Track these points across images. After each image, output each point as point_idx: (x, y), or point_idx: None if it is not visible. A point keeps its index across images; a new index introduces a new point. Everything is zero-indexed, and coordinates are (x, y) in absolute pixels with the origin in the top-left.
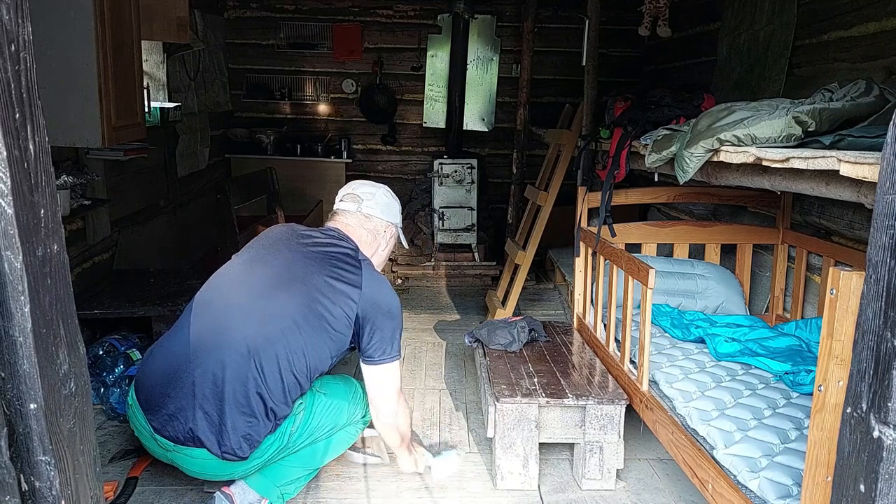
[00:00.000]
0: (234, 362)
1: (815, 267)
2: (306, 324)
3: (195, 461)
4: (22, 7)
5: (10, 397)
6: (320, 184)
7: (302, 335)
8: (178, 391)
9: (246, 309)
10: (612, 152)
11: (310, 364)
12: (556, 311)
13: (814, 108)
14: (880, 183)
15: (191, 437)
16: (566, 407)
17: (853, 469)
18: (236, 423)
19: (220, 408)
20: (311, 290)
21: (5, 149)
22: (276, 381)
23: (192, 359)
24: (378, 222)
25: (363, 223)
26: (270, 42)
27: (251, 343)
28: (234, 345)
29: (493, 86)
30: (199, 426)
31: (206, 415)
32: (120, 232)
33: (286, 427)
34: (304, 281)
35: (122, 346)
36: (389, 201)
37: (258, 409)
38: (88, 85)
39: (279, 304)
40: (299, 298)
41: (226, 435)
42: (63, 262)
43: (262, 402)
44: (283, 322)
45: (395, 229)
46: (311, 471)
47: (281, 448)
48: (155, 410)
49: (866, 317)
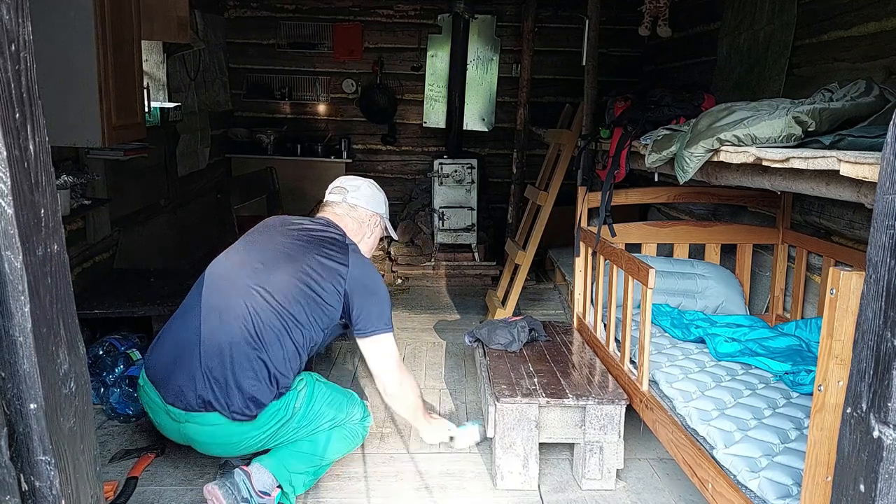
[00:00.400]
0: (238, 331)
1: (815, 267)
2: (301, 296)
3: (207, 428)
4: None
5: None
6: (320, 184)
7: (297, 307)
8: (188, 362)
9: (247, 284)
10: (612, 152)
11: (304, 334)
12: (556, 311)
13: (814, 108)
14: (880, 183)
15: (202, 403)
16: (566, 407)
17: (853, 469)
18: (242, 385)
19: (226, 373)
20: (304, 267)
21: (5, 149)
22: (277, 349)
23: (199, 331)
24: (363, 211)
25: (349, 212)
26: (271, 42)
27: (253, 314)
28: (237, 316)
29: (493, 86)
30: (209, 391)
31: (214, 380)
32: (120, 231)
33: (290, 400)
34: (297, 259)
35: (122, 346)
36: (374, 192)
37: (261, 374)
38: (88, 85)
39: (276, 280)
40: (294, 274)
41: (233, 396)
42: (63, 261)
43: (265, 367)
44: (281, 295)
45: (381, 219)
46: (316, 467)
47: (285, 420)
48: (166, 383)
49: (866, 317)
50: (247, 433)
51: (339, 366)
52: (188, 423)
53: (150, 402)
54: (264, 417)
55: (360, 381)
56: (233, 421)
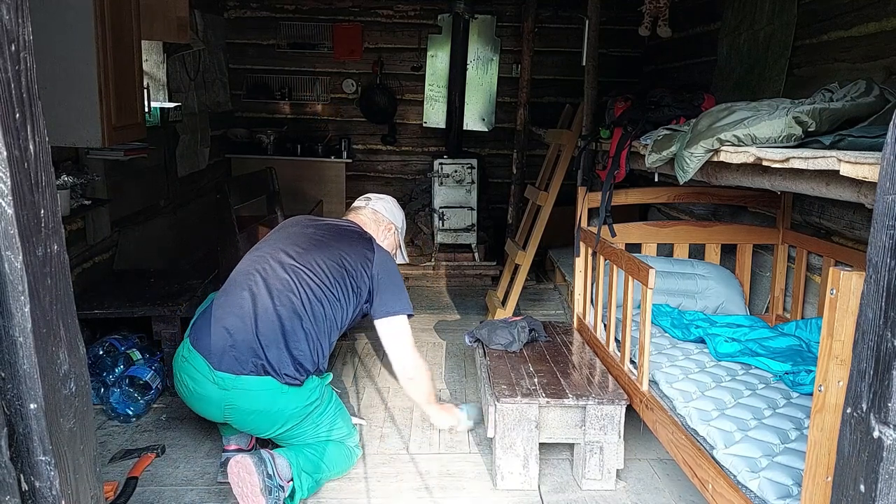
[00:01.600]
0: (288, 304)
1: (815, 267)
2: (339, 276)
3: (255, 394)
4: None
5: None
6: (320, 184)
7: (336, 285)
8: (242, 331)
9: (291, 264)
10: (612, 152)
11: (340, 310)
12: (556, 311)
13: (814, 108)
14: (880, 183)
15: (256, 367)
16: (566, 407)
17: (853, 469)
18: (292, 352)
19: (279, 341)
20: (338, 252)
21: (5, 149)
22: (321, 321)
23: (252, 305)
24: (381, 217)
25: (371, 216)
26: (271, 42)
27: (299, 289)
28: (287, 291)
29: (493, 86)
30: (264, 357)
31: (268, 347)
32: (120, 232)
33: (324, 385)
34: (330, 245)
35: (122, 346)
36: (394, 207)
37: (306, 344)
38: (88, 85)
39: (316, 261)
40: (331, 257)
41: (285, 361)
42: (63, 262)
43: (309, 337)
44: (322, 274)
45: (396, 230)
46: (318, 475)
47: (317, 404)
48: (219, 352)
49: (866, 317)
50: (289, 403)
51: (339, 366)
52: (235, 389)
53: (193, 372)
54: (307, 390)
55: (360, 381)
56: (283, 384)
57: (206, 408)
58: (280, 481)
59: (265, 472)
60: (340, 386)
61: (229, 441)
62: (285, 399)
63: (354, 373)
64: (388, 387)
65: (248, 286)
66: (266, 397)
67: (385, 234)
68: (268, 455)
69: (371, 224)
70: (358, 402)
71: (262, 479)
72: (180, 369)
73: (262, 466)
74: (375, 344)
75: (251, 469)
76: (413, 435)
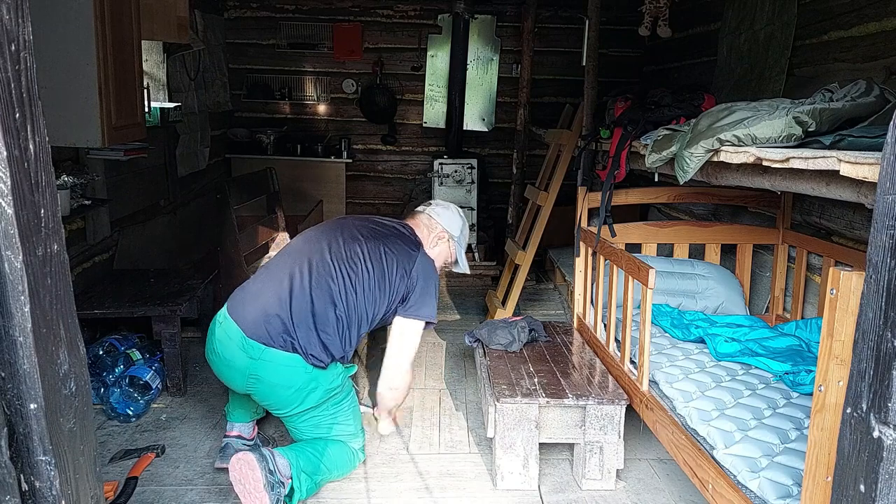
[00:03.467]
0: (325, 290)
1: (815, 267)
2: (378, 274)
3: (280, 368)
4: (22, 7)
5: (11, 397)
6: (320, 184)
7: (372, 281)
8: (279, 308)
9: (335, 250)
10: (612, 152)
11: (372, 303)
12: (556, 311)
13: (814, 108)
14: (880, 183)
15: (285, 343)
16: (566, 407)
17: (853, 469)
18: (322, 335)
19: (310, 323)
20: (381, 247)
21: (5, 149)
22: (353, 309)
23: (290, 285)
24: (436, 223)
25: (426, 220)
26: (270, 42)
27: (337, 277)
28: (325, 276)
29: (493, 86)
30: (295, 335)
31: (299, 327)
32: (120, 232)
33: (346, 373)
34: (373, 240)
35: (122, 346)
36: (453, 215)
37: (336, 330)
38: (88, 85)
39: (363, 254)
40: (372, 251)
41: (314, 343)
42: (63, 262)
43: (340, 324)
44: (360, 267)
45: (449, 238)
46: (318, 476)
47: (335, 392)
48: (254, 321)
49: (866, 317)
50: (310, 383)
51: None
52: (262, 359)
53: (225, 338)
54: (330, 374)
55: (360, 380)
56: (307, 364)
57: (232, 375)
58: (281, 478)
59: (267, 468)
60: None
61: (233, 427)
62: (307, 378)
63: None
64: None
65: (291, 266)
66: (289, 373)
67: (436, 241)
68: (268, 452)
69: (424, 229)
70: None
71: (265, 474)
72: (213, 334)
73: (264, 462)
74: (374, 344)
75: (254, 465)
76: (413, 435)
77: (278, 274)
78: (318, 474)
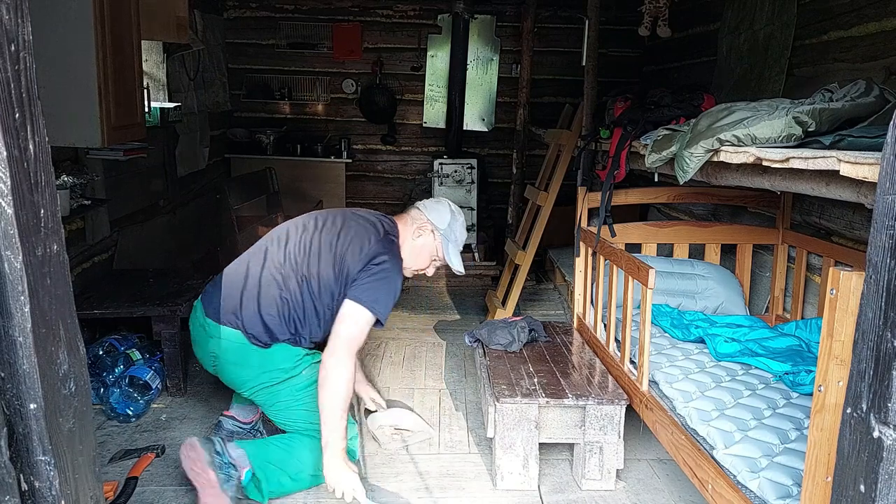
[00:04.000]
0: (273, 273)
1: (815, 267)
2: (329, 262)
3: (229, 344)
4: (22, 7)
5: (10, 397)
6: (320, 184)
7: (322, 268)
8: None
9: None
10: (612, 152)
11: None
12: (556, 311)
13: (814, 108)
14: (880, 183)
15: (231, 321)
16: (566, 407)
17: (853, 469)
18: (263, 316)
19: (255, 303)
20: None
21: (5, 149)
22: (297, 294)
23: (248, 268)
24: (420, 215)
25: (414, 214)
26: (270, 42)
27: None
28: (276, 261)
29: (493, 86)
30: (240, 313)
31: (246, 307)
32: (120, 232)
33: (300, 357)
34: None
35: (122, 346)
36: (442, 208)
37: (281, 312)
38: (88, 85)
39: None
40: (331, 242)
41: (255, 323)
42: (63, 262)
43: (285, 306)
44: (314, 257)
45: (434, 230)
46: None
47: (289, 377)
48: (210, 301)
49: (866, 317)
50: (258, 362)
51: None
52: (215, 337)
53: (193, 318)
54: (276, 355)
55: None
56: (250, 343)
57: (201, 355)
58: (231, 460)
59: (213, 449)
60: None
61: (231, 408)
62: (253, 356)
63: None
64: (388, 386)
65: (253, 251)
66: (235, 349)
67: (419, 232)
68: (218, 438)
69: (409, 221)
70: (358, 401)
71: (209, 454)
72: (190, 317)
73: (209, 444)
74: (374, 344)
75: (197, 446)
76: (412, 436)
77: (241, 261)
78: (290, 467)
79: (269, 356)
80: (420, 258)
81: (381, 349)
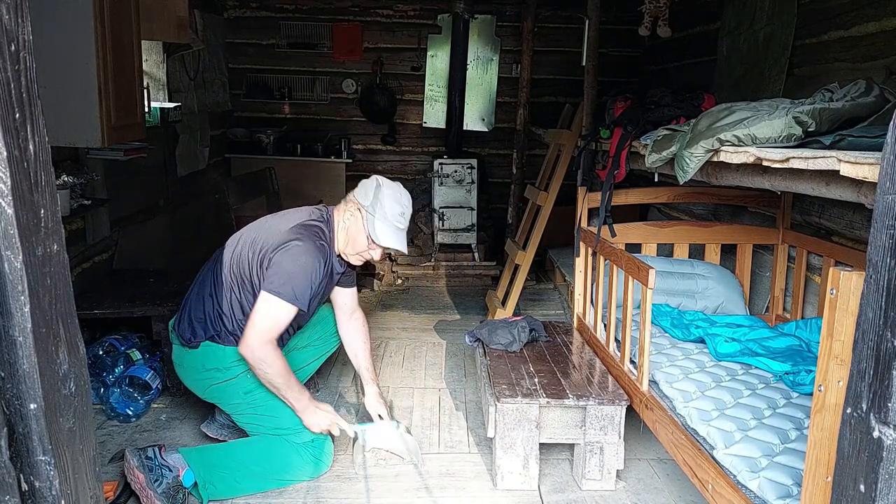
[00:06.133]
0: (206, 280)
1: (815, 267)
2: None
3: (174, 350)
4: (22, 7)
5: (10, 397)
6: (320, 184)
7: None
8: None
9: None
10: (612, 152)
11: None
12: (556, 311)
13: (814, 108)
14: (880, 183)
15: (175, 327)
16: (566, 407)
17: (853, 469)
18: (192, 318)
19: (188, 307)
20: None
21: (5, 149)
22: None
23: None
24: (349, 197)
25: (347, 197)
26: (270, 42)
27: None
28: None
29: (493, 86)
30: (179, 319)
31: (184, 311)
32: (120, 232)
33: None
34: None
35: (122, 346)
36: (370, 186)
37: (206, 313)
38: (88, 85)
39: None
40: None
41: (185, 325)
42: (63, 261)
43: (211, 307)
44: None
45: (362, 208)
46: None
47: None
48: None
49: (866, 317)
50: (187, 361)
51: (340, 366)
52: (176, 345)
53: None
54: (203, 355)
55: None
56: (181, 345)
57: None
58: (162, 462)
59: (144, 455)
60: (341, 385)
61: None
62: (185, 357)
63: (355, 372)
64: (388, 386)
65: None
66: (176, 353)
67: (349, 217)
68: (153, 448)
69: (341, 206)
70: (358, 402)
71: (140, 459)
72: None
73: (138, 452)
74: (374, 344)
75: (128, 456)
76: (413, 435)
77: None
78: (236, 468)
79: (195, 356)
80: (357, 241)
81: (381, 349)
